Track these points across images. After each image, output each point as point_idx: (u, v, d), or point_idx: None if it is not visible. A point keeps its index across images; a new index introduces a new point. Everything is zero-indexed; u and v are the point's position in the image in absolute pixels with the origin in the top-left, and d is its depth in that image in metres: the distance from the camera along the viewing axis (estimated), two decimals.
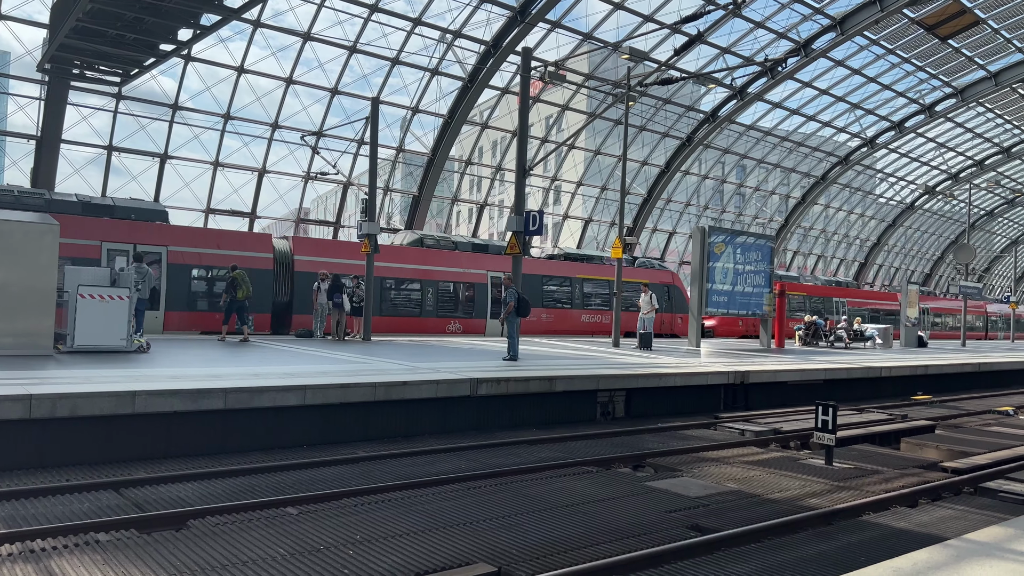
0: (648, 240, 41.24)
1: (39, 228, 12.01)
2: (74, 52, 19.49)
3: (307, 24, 25.03)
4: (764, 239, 25.60)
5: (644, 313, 20.86)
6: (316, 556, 5.60)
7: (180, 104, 24.64)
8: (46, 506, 6.67)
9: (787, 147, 42.84)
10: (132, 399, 8.50)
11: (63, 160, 23.11)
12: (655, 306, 20.89)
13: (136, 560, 5.37)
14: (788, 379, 16.26)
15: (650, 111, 35.24)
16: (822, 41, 32.43)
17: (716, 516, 7.15)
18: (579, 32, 29.31)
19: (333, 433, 10.14)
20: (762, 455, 10.53)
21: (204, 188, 25.93)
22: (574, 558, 5.77)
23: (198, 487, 7.50)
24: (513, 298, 15.05)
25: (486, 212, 35.75)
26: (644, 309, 20.87)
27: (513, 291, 15.20)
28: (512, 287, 15.55)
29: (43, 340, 11.94)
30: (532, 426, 12.01)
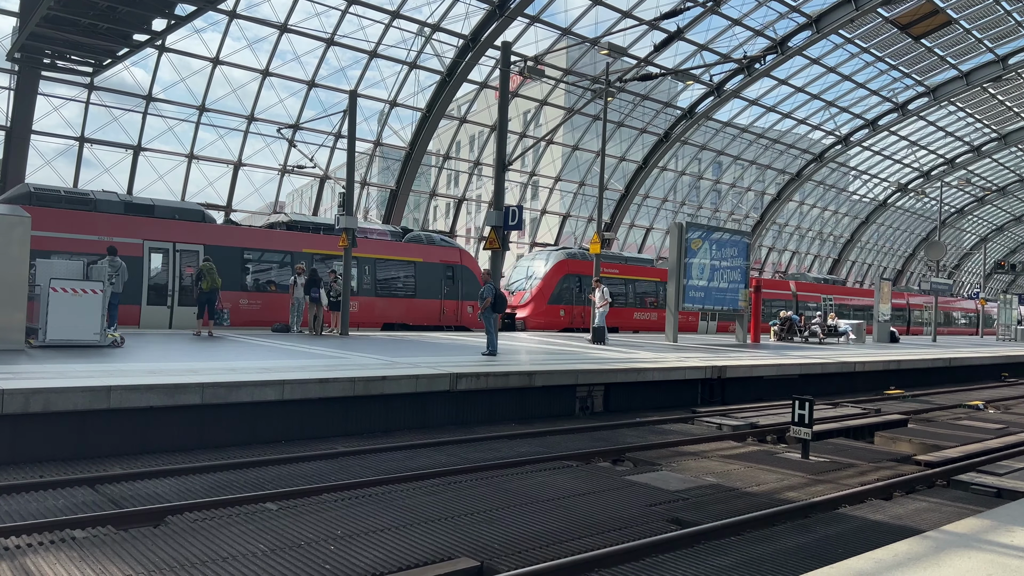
0: (626, 236, 41.41)
1: (9, 220, 11.77)
2: (45, 41, 19.11)
3: (283, 16, 24.79)
4: (740, 235, 25.79)
5: (598, 307, 20.97)
6: (297, 552, 5.56)
7: (154, 95, 24.27)
8: (20, 503, 6.55)
9: (763, 144, 43.21)
10: (107, 394, 8.37)
11: (33, 151, 22.69)
12: (608, 299, 20.95)
13: (114, 557, 5.30)
14: (764, 374, 16.43)
15: (628, 107, 35.34)
16: (798, 39, 32.73)
17: (696, 510, 7.20)
18: (558, 27, 29.33)
19: (312, 428, 10.07)
20: (740, 449, 10.63)
21: (179, 181, 25.61)
22: (556, 552, 5.79)
23: (176, 483, 7.41)
24: (491, 293, 14.98)
25: (463, 207, 35.67)
26: (597, 303, 20.97)
27: (491, 286, 15.14)
28: (490, 282, 15.48)
29: (14, 334, 11.72)
30: (511, 421, 12.02)
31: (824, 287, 41.53)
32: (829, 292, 40.79)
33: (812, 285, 40.74)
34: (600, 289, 20.86)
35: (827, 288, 41.44)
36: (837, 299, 40.83)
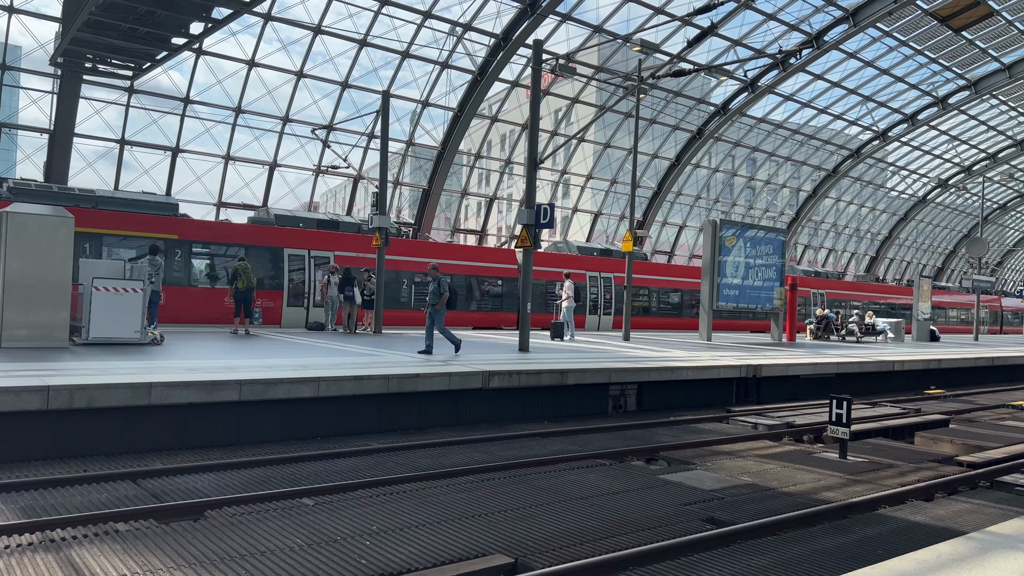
0: (658, 233, 41.12)
1: (53, 221, 12.06)
2: (87, 46, 19.54)
3: (317, 18, 25.02)
4: (776, 232, 25.50)
5: (563, 301, 20.85)
6: (333, 547, 5.62)
7: (191, 98, 24.69)
8: (65, 496, 6.72)
9: (798, 140, 42.59)
10: (148, 391, 8.55)
11: (76, 153, 23.22)
12: (570, 294, 20.81)
13: (155, 550, 5.41)
14: (800, 373, 16.20)
15: (660, 104, 35.09)
16: (834, 33, 32.18)
17: (731, 509, 7.13)
18: (589, 24, 29.20)
19: (346, 425, 10.17)
20: (776, 448, 10.51)
21: (215, 182, 26.03)
22: (590, 550, 5.77)
23: (214, 478, 7.54)
24: (447, 289, 14.05)
25: (495, 205, 35.72)
26: (562, 297, 20.87)
27: (445, 281, 14.19)
28: (440, 276, 14.26)
29: (58, 332, 11.99)
30: (544, 419, 12.01)
31: (826, 282, 40.61)
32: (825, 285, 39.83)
33: (812, 280, 39.48)
34: (565, 283, 20.79)
35: (823, 283, 40.43)
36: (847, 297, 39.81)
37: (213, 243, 20.89)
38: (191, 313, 19.75)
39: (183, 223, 20.54)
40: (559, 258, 28.33)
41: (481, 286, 26.25)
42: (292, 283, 21.83)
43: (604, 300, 29.22)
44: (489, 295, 26.53)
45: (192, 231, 20.44)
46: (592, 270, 28.88)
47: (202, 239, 20.61)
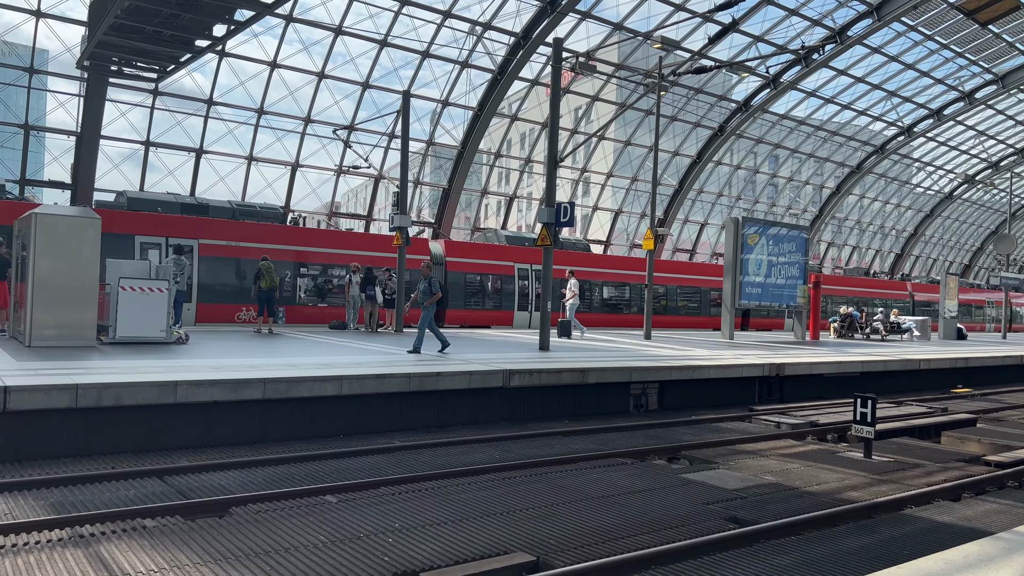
0: (680, 231, 40.90)
1: (81, 222, 12.25)
2: (112, 49, 19.78)
3: (338, 18, 25.18)
4: (798, 230, 25.28)
5: (566, 300, 20.73)
6: (356, 543, 5.67)
7: (214, 99, 24.93)
8: (93, 493, 6.83)
9: (821, 136, 42.15)
10: (174, 389, 8.66)
11: (102, 155, 23.54)
12: (575, 292, 20.65)
13: (182, 546, 5.48)
14: (824, 372, 16.06)
15: (681, 101, 34.88)
16: (858, 28, 31.80)
17: (754, 508, 7.09)
18: (609, 22, 29.09)
19: (368, 423, 10.23)
20: (799, 448, 10.42)
21: (239, 182, 26.27)
22: (612, 548, 5.77)
23: (239, 475, 7.62)
24: (438, 288, 14.15)
25: (515, 204, 35.72)
26: (567, 296, 20.74)
27: (436, 280, 14.20)
28: (431, 275, 14.22)
29: (86, 331, 12.18)
30: (564, 418, 12.01)
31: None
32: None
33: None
34: (570, 282, 20.69)
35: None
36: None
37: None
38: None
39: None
40: (486, 248, 26.42)
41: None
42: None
43: (536, 295, 26.45)
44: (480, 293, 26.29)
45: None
46: (523, 262, 26.40)
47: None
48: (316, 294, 22.68)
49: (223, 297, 20.63)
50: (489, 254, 26.28)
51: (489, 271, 25.74)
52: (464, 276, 25.28)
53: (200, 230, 20.37)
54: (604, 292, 29.31)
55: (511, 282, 26.30)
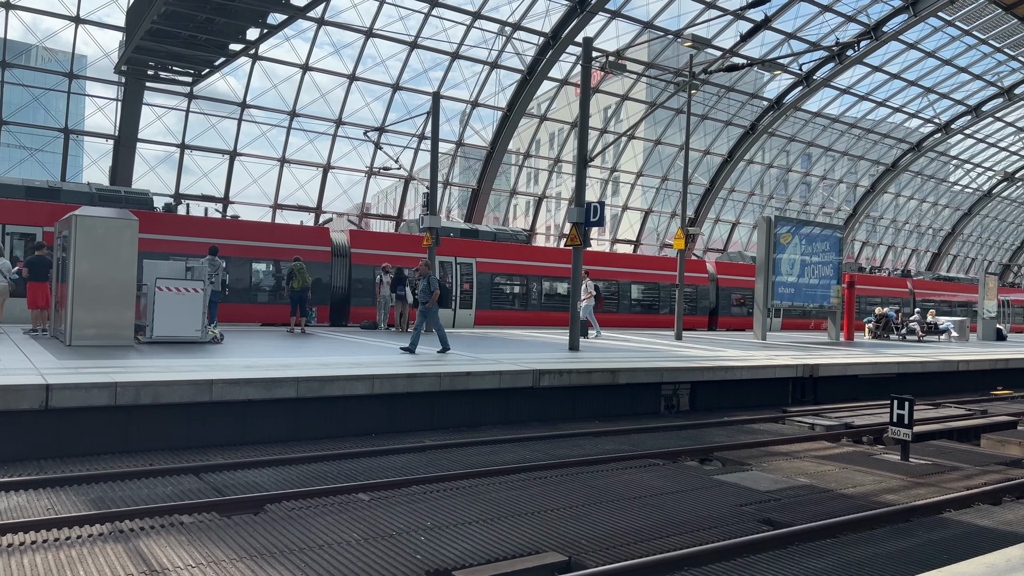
0: (711, 231, 40.57)
1: (119, 223, 12.49)
2: (149, 54, 20.18)
3: (369, 21, 25.39)
4: (832, 229, 24.93)
5: (582, 300, 20.57)
6: (388, 541, 5.71)
7: (248, 102, 25.29)
8: (132, 489, 6.96)
9: (855, 134, 41.52)
10: (210, 387, 8.80)
11: (139, 158, 24.00)
12: (592, 292, 20.44)
13: (218, 542, 5.57)
14: (859, 373, 15.81)
15: (712, 99, 34.60)
16: (893, 23, 31.29)
17: (788, 511, 7.01)
18: (639, 21, 28.96)
19: (399, 422, 10.30)
20: (834, 450, 10.28)
21: (272, 184, 26.60)
22: (644, 549, 5.74)
23: (273, 473, 7.72)
24: (437, 286, 13.79)
25: (543, 204, 35.70)
26: (582, 296, 20.59)
27: (435, 279, 13.88)
28: (430, 274, 13.93)
29: (124, 331, 12.42)
30: (594, 418, 11.97)
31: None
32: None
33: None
34: (585, 282, 20.54)
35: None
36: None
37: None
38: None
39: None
40: (402, 239, 23.95)
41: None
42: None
43: (462, 291, 24.30)
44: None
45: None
46: (446, 254, 23.73)
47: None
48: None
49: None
50: (405, 245, 23.28)
51: (405, 265, 21.61)
52: (373, 270, 22.02)
53: (48, 218, 17.47)
54: (538, 288, 26.41)
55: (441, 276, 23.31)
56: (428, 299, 13.62)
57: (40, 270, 14.08)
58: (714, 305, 31.00)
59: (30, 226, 17.84)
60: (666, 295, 29.04)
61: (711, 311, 30.88)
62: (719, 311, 31.05)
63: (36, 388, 7.91)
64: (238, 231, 21.13)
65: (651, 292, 29.49)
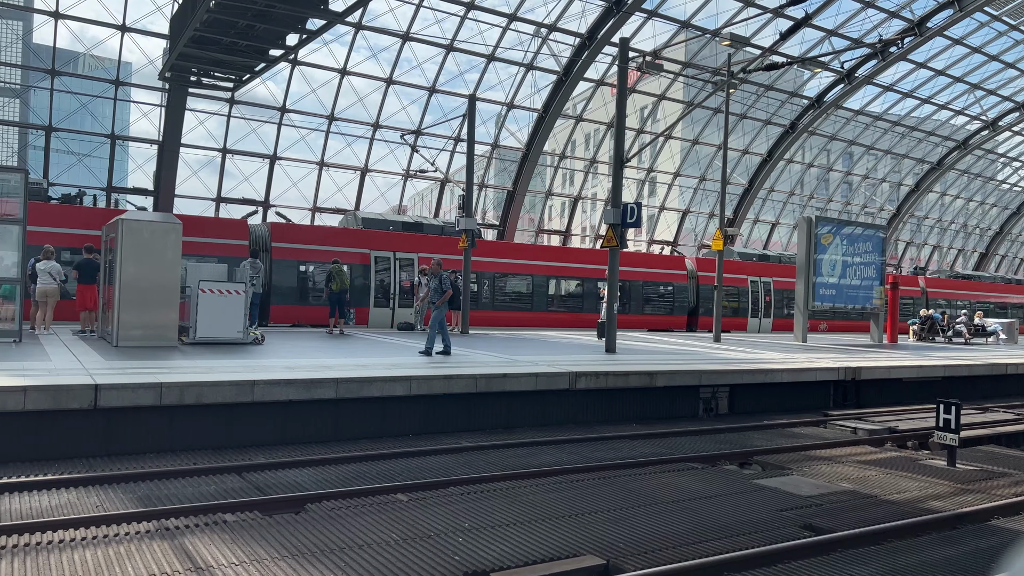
0: (750, 231, 40.07)
1: (163, 227, 12.78)
2: (192, 60, 20.59)
3: (405, 25, 25.59)
4: (875, 229, 24.47)
5: (604, 300, 20.38)
6: (427, 542, 5.74)
7: (287, 107, 25.66)
8: (177, 487, 7.11)
9: (899, 132, 40.67)
10: (251, 388, 8.95)
11: (182, 162, 24.51)
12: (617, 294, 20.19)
13: (260, 540, 5.66)
14: (904, 376, 15.48)
15: (751, 98, 34.18)
16: (938, 19, 30.58)
17: (830, 516, 6.90)
18: (676, 20, 28.74)
19: (436, 423, 10.36)
20: (877, 455, 10.08)
21: (311, 187, 26.96)
22: (683, 554, 5.70)
23: (313, 473, 7.82)
24: (449, 286, 13.57)
25: (579, 205, 35.60)
26: (603, 296, 20.42)
27: (447, 278, 13.62)
28: (442, 273, 13.64)
29: (169, 332, 12.69)
30: (631, 421, 11.91)
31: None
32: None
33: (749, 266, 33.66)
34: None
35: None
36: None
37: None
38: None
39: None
40: (333, 233, 22.32)
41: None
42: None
43: (400, 288, 22.50)
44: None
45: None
46: (383, 249, 22.30)
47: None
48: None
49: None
50: (339, 239, 21.70)
51: (330, 260, 19.43)
52: (296, 266, 20.85)
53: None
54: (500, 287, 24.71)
55: (366, 273, 22.04)
56: (438, 298, 13.54)
57: (89, 273, 14.47)
58: (694, 304, 28.70)
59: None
60: (590, 290, 25.83)
61: (690, 311, 28.74)
62: (699, 311, 28.61)
63: (85, 388, 8.12)
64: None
65: (577, 288, 26.43)
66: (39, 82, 23.81)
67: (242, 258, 18.18)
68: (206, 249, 19.27)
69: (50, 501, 6.54)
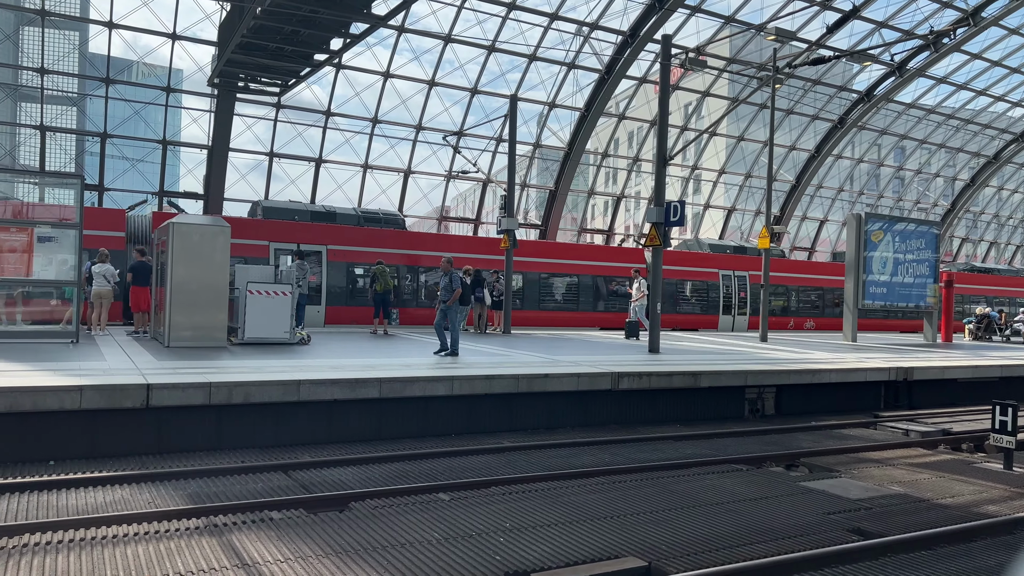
0: (797, 228, 39.33)
1: (213, 230, 13.08)
2: (239, 66, 21.08)
3: (447, 27, 25.76)
4: (928, 225, 23.81)
5: (634, 300, 20.05)
6: (468, 542, 5.77)
7: (332, 111, 26.03)
8: (225, 485, 7.27)
9: (953, 125, 39.47)
10: (297, 388, 9.11)
11: (231, 167, 25.07)
12: (644, 292, 19.81)
13: (305, 538, 5.76)
14: (958, 376, 15.03)
15: (798, 93, 33.55)
16: (993, 8, 29.58)
17: (880, 520, 6.74)
18: (720, 16, 28.38)
19: (478, 423, 10.40)
20: (930, 457, 9.81)
21: (355, 189, 27.31)
22: (727, 556, 5.62)
23: (357, 471, 7.92)
24: (459, 284, 13.11)
25: (622, 204, 35.38)
26: (634, 296, 20.07)
27: (457, 276, 13.20)
28: (452, 271, 13.25)
29: (217, 333, 12.98)
30: (675, 422, 11.79)
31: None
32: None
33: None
34: (638, 281, 20.06)
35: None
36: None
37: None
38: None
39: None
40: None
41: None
42: None
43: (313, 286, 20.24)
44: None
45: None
46: (281, 240, 20.36)
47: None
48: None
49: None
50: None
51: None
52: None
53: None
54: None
55: (413, 275, 21.84)
56: (448, 297, 13.18)
57: (142, 275, 14.89)
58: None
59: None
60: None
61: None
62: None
63: (138, 387, 8.36)
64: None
65: (618, 287, 25.56)
66: (94, 90, 24.60)
67: (116, 252, 16.72)
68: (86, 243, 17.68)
69: (105, 497, 6.75)
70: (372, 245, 21.40)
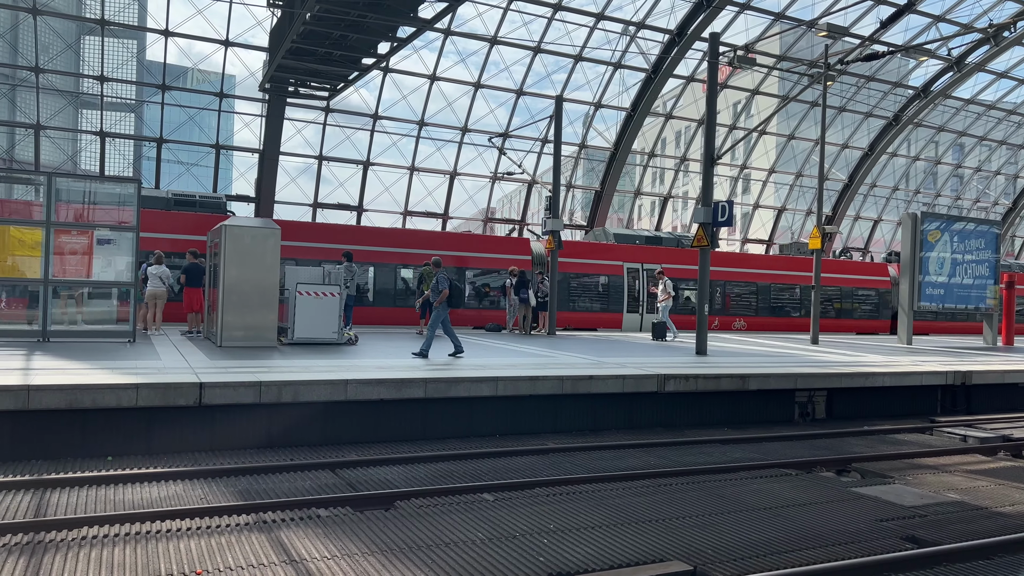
0: (850, 228, 38.43)
1: (263, 232, 13.35)
2: (289, 71, 21.49)
3: (493, 29, 25.86)
4: (988, 224, 23.01)
5: (659, 301, 19.64)
6: (512, 543, 5.78)
7: (379, 114, 26.35)
8: (274, 482, 7.41)
9: (1015, 121, 38.10)
10: (345, 387, 9.24)
11: (281, 170, 25.54)
12: (671, 293, 19.40)
13: (352, 536, 5.84)
14: (1020, 381, 14.51)
15: (851, 90, 32.80)
16: None
17: (935, 528, 6.54)
18: (770, 12, 27.91)
19: (522, 424, 10.40)
20: (989, 464, 9.49)
21: (402, 191, 27.59)
22: (774, 562, 5.53)
23: (403, 470, 8.00)
24: (446, 284, 12.88)
25: (669, 204, 35.03)
26: (660, 296, 19.65)
27: (444, 277, 12.96)
28: (441, 272, 13.30)
29: (268, 333, 13.25)
30: (722, 425, 11.63)
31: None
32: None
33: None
34: (663, 281, 19.66)
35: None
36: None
37: None
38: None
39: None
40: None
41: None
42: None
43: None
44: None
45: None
46: (192, 234, 18.79)
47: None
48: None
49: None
50: (163, 226, 18.93)
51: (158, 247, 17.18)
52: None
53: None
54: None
55: (460, 276, 21.32)
56: (436, 298, 12.96)
57: (195, 276, 15.29)
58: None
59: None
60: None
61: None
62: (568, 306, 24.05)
63: (191, 386, 8.58)
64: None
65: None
66: (151, 97, 25.34)
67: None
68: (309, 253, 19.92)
69: (159, 493, 6.94)
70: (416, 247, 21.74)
